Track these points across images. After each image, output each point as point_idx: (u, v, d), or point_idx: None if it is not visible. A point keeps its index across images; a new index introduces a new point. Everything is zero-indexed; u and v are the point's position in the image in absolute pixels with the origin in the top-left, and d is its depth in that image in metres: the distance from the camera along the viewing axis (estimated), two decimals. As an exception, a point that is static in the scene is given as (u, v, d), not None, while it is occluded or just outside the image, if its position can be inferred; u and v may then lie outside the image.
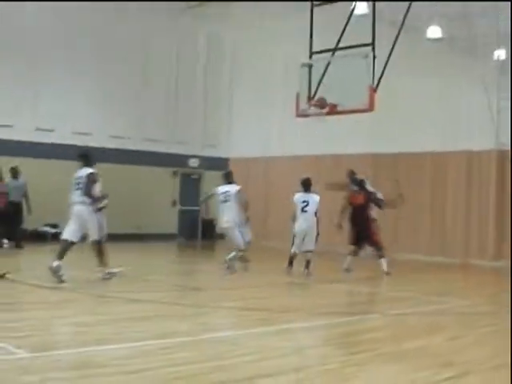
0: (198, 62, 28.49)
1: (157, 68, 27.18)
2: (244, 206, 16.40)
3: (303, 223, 16.41)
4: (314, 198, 16.56)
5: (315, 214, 16.52)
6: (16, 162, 22.44)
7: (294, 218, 16.58)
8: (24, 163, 22.95)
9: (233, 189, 16.44)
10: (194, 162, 28.20)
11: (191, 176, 28.12)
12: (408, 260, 20.82)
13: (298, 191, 16.77)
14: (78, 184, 13.65)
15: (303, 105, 17.45)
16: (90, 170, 13.80)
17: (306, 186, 16.68)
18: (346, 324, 10.10)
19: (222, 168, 27.48)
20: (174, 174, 27.31)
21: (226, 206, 16.28)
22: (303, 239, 16.37)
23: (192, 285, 15.07)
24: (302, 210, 16.46)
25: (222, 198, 16.35)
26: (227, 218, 16.28)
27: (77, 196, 13.59)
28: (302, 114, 17.65)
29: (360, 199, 17.11)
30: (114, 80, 25.93)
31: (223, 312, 10.89)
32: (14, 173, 21.35)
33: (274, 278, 15.89)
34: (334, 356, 7.93)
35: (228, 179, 16.75)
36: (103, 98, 25.82)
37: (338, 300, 13.13)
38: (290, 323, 9.91)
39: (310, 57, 17.75)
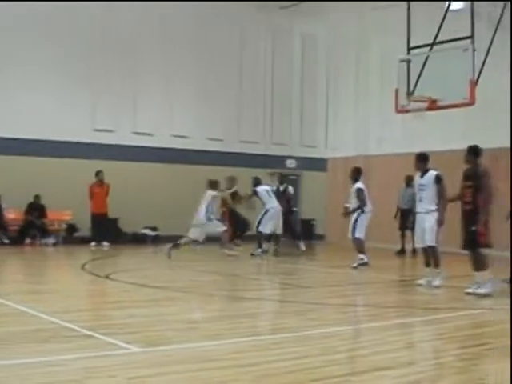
0: (293, 62, 28.50)
1: (252, 70, 27.34)
2: None
3: None
4: None
5: None
6: (117, 165, 23.06)
7: None
8: (123, 166, 23.52)
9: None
10: (291, 163, 28.20)
11: (289, 177, 28.07)
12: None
13: None
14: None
15: (402, 100, 17.30)
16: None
17: None
18: (456, 319, 9.92)
19: (321, 168, 27.59)
20: (271, 175, 27.24)
21: None
22: None
23: (295, 283, 15.05)
24: None
25: None
26: None
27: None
28: (401, 110, 17.49)
29: None
30: (211, 84, 26.18)
31: (330, 308, 10.82)
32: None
33: (373, 275, 15.84)
34: (448, 350, 7.80)
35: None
36: (200, 101, 26.08)
37: (443, 296, 12.90)
38: (400, 318, 9.81)
39: (408, 52, 17.59)
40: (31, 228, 22.40)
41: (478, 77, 16.11)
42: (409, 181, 19.83)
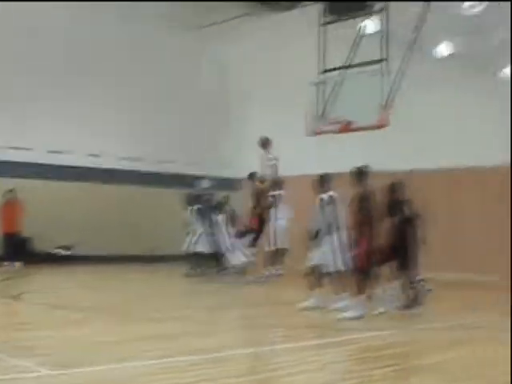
0: (209, 83, 28.52)
1: (168, 90, 27.31)
2: None
3: None
4: None
5: None
6: (32, 183, 22.76)
7: None
8: (39, 185, 23.20)
9: None
10: (205, 183, 28.11)
11: (203, 197, 27.96)
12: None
13: None
14: None
15: (315, 123, 17.52)
16: None
17: None
18: (366, 340, 10.06)
19: (235, 188, 27.58)
20: (187, 194, 27.11)
21: None
22: None
23: (211, 303, 15.00)
24: None
25: None
26: None
27: None
28: (314, 132, 17.71)
29: None
30: (130, 101, 26.12)
31: (245, 329, 10.87)
32: None
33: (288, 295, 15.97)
34: (357, 371, 7.90)
35: None
36: (118, 120, 25.96)
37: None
38: (312, 340, 9.91)
39: (322, 74, 17.84)
40: None
41: (392, 99, 16.43)
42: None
